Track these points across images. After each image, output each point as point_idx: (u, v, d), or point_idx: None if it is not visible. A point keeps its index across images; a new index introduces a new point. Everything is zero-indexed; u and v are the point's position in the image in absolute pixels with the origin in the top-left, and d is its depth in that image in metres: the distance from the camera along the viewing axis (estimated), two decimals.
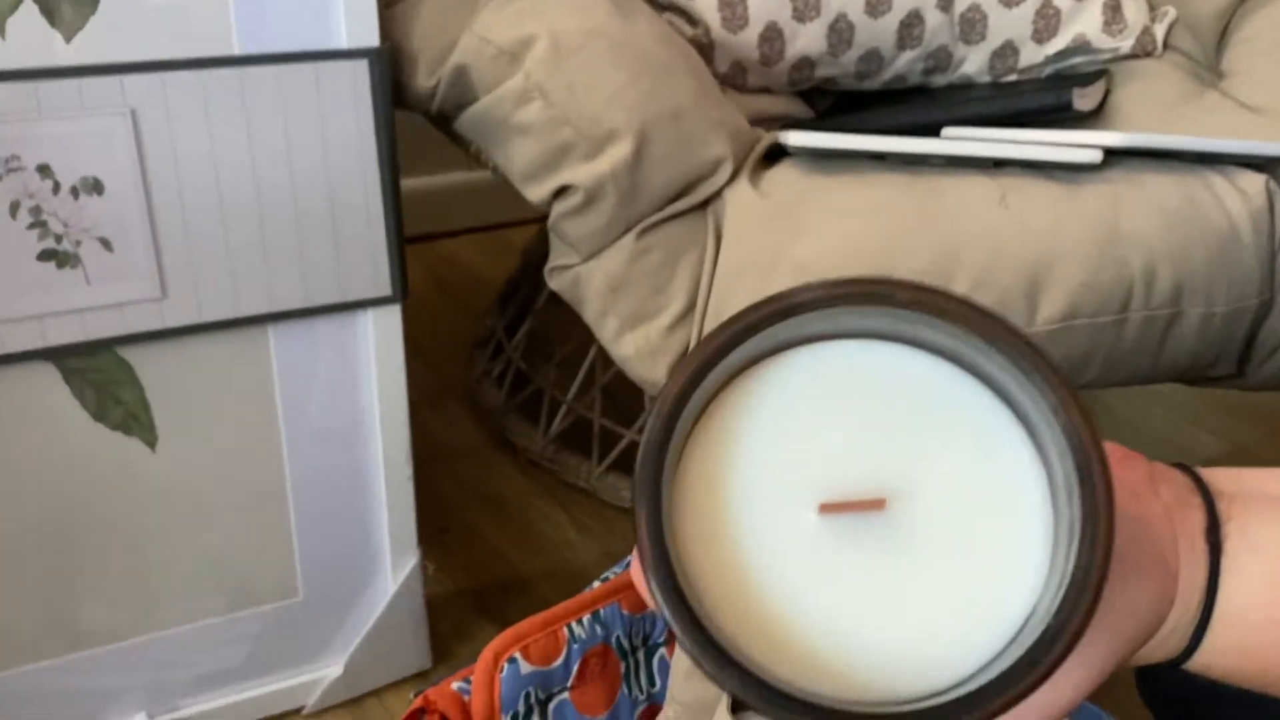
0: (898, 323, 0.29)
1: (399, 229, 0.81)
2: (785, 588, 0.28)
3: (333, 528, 0.89)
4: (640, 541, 0.27)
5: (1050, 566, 0.28)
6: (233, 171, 0.76)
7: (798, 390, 0.29)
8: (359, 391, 0.86)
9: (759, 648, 0.28)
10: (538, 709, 0.74)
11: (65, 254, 0.74)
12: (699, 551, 0.28)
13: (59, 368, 0.77)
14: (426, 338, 1.43)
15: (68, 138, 0.72)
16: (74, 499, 0.80)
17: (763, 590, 0.28)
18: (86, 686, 0.85)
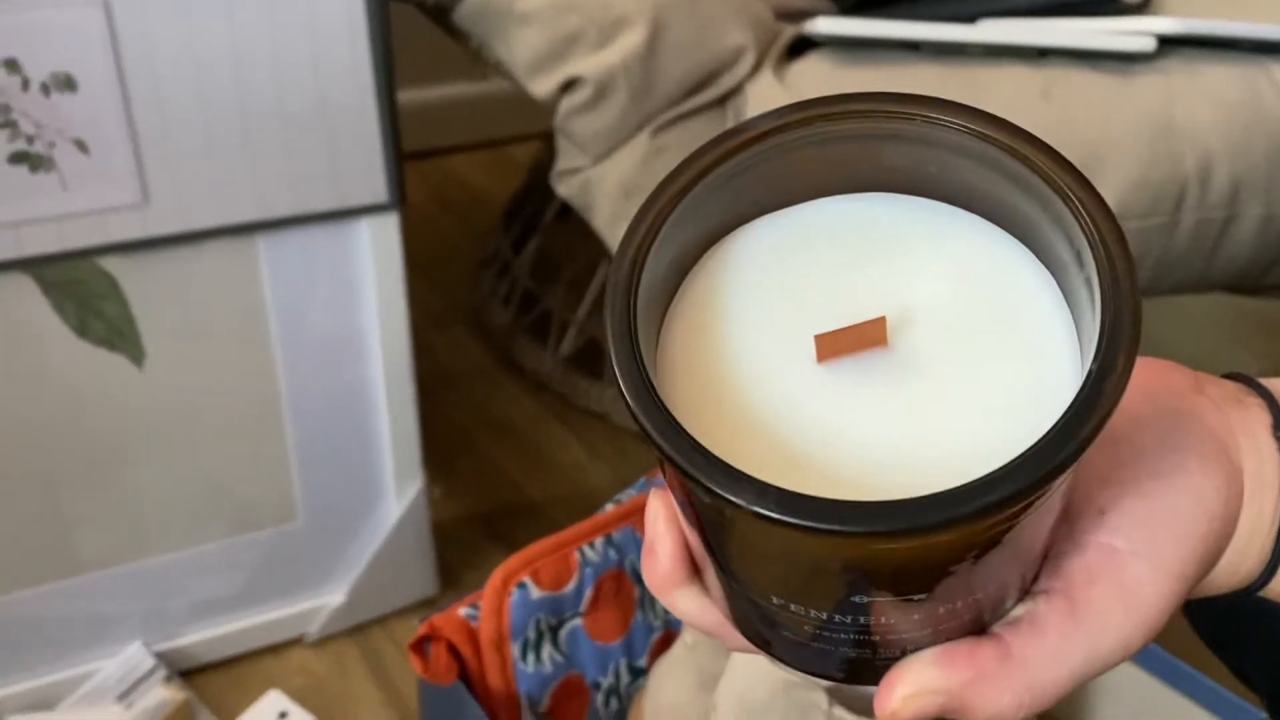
0: (863, 144, 0.27)
1: (395, 130, 0.76)
2: (793, 447, 0.25)
3: (333, 450, 0.85)
4: (622, 382, 0.24)
5: (1080, 366, 0.25)
6: (214, 66, 0.71)
7: (774, 251, 0.28)
8: (357, 305, 0.81)
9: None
10: (548, 635, 0.70)
11: (38, 157, 0.69)
12: (694, 421, 0.24)
13: (37, 280, 0.73)
14: (429, 258, 1.39)
15: (36, 29, 0.67)
16: (60, 419, 0.76)
17: (769, 452, 0.25)
18: (82, 613, 0.82)
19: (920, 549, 0.23)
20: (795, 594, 0.26)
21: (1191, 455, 0.30)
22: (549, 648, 0.71)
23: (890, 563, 0.24)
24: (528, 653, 0.70)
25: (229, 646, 0.88)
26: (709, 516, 0.25)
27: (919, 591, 0.25)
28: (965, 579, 0.25)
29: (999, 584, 0.26)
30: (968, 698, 0.27)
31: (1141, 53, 0.71)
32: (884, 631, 0.26)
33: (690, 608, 0.30)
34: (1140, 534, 0.29)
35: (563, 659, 0.71)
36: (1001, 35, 0.72)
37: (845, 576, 0.24)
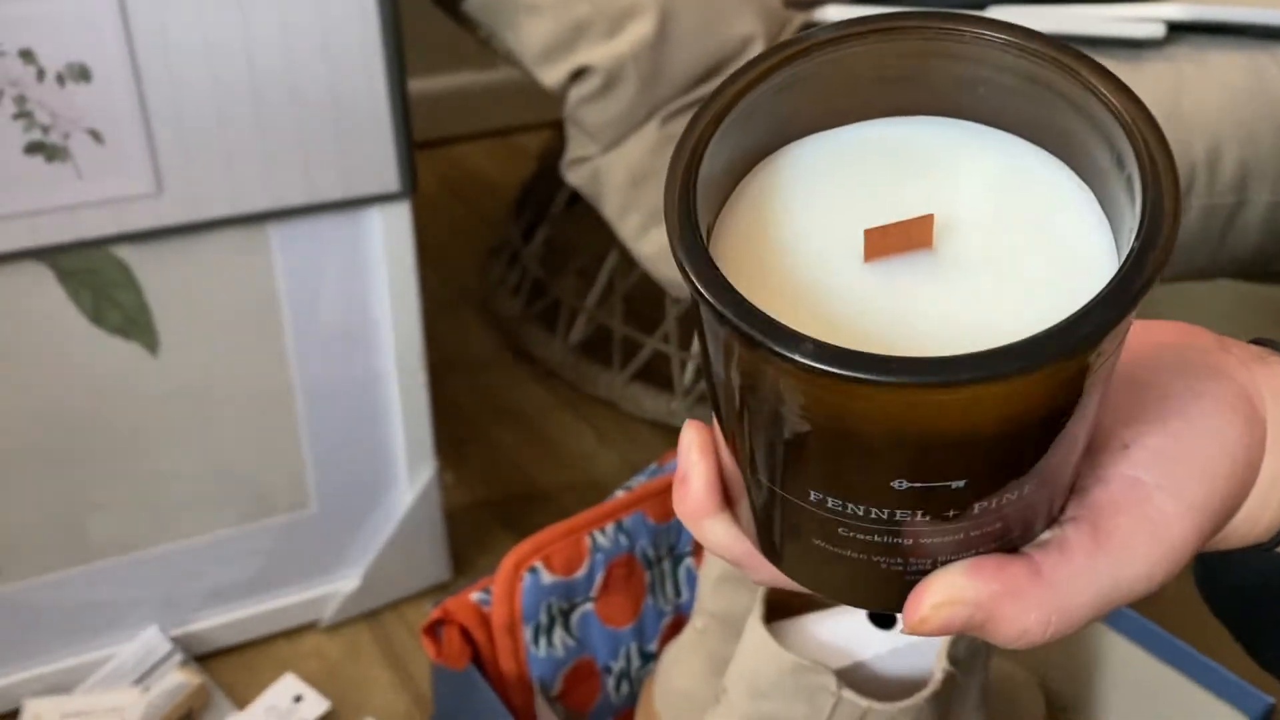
0: (913, 62, 0.28)
1: (406, 119, 0.77)
2: (838, 323, 0.26)
3: (345, 436, 0.86)
4: (678, 243, 0.25)
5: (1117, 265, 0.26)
6: (227, 56, 0.71)
7: (826, 164, 0.29)
8: (369, 293, 0.82)
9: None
10: (560, 619, 0.71)
11: (54, 147, 0.70)
12: (745, 293, 0.25)
13: (53, 269, 0.73)
14: (439, 246, 1.39)
15: (51, 20, 0.67)
16: (76, 406, 0.77)
17: (815, 325, 0.25)
18: (99, 599, 0.83)
19: (963, 414, 0.23)
20: (832, 483, 0.26)
21: (1214, 400, 0.31)
22: (561, 632, 0.71)
23: (934, 431, 0.24)
24: (539, 637, 0.70)
25: (244, 631, 0.89)
26: (750, 385, 0.25)
27: (957, 476, 0.25)
28: (1001, 469, 0.25)
29: (1032, 490, 0.26)
30: (995, 611, 0.27)
31: (1150, 39, 0.71)
32: (917, 535, 0.26)
33: (721, 537, 0.30)
34: (1164, 469, 0.29)
35: (574, 643, 0.72)
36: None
37: (885, 455, 0.25)
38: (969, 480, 0.25)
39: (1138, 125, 0.25)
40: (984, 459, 0.25)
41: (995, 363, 0.22)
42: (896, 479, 0.25)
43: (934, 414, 0.24)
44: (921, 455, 0.25)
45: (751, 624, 0.57)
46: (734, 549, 0.31)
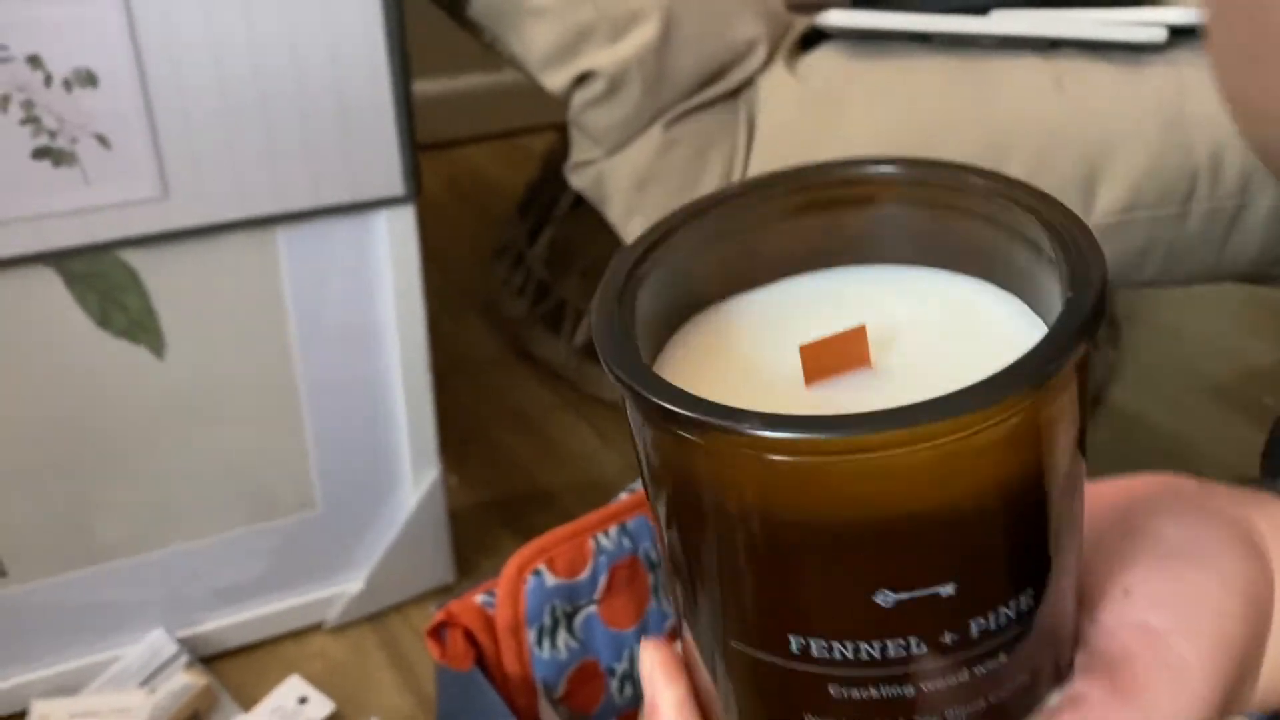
0: (818, 216, 0.30)
1: (410, 123, 0.77)
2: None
3: (350, 438, 0.86)
4: (607, 350, 0.25)
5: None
6: (233, 61, 0.72)
7: (756, 318, 0.30)
8: (374, 296, 0.82)
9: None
10: (564, 621, 0.71)
11: (61, 151, 0.70)
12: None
13: (61, 273, 0.74)
14: (444, 248, 1.39)
15: (58, 25, 0.68)
16: (83, 409, 0.78)
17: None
18: (105, 600, 0.83)
19: (933, 482, 0.22)
20: (813, 615, 0.24)
21: (1212, 538, 0.29)
22: (564, 634, 0.72)
23: (907, 511, 0.23)
24: (543, 639, 0.71)
25: (250, 633, 0.89)
26: (709, 503, 0.24)
27: (944, 577, 0.23)
28: (989, 562, 0.24)
29: (1028, 607, 0.25)
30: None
31: (1153, 43, 0.71)
32: (917, 678, 0.25)
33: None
34: (1172, 611, 0.27)
35: (578, 645, 0.72)
36: (1013, 26, 0.72)
37: (863, 556, 0.23)
38: (958, 582, 0.24)
39: (1049, 208, 0.26)
40: (968, 547, 0.24)
41: (952, 402, 0.22)
42: (879, 590, 0.23)
43: (903, 486, 0.22)
44: (901, 549, 0.23)
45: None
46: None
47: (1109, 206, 0.69)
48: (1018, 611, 0.25)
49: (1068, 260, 0.25)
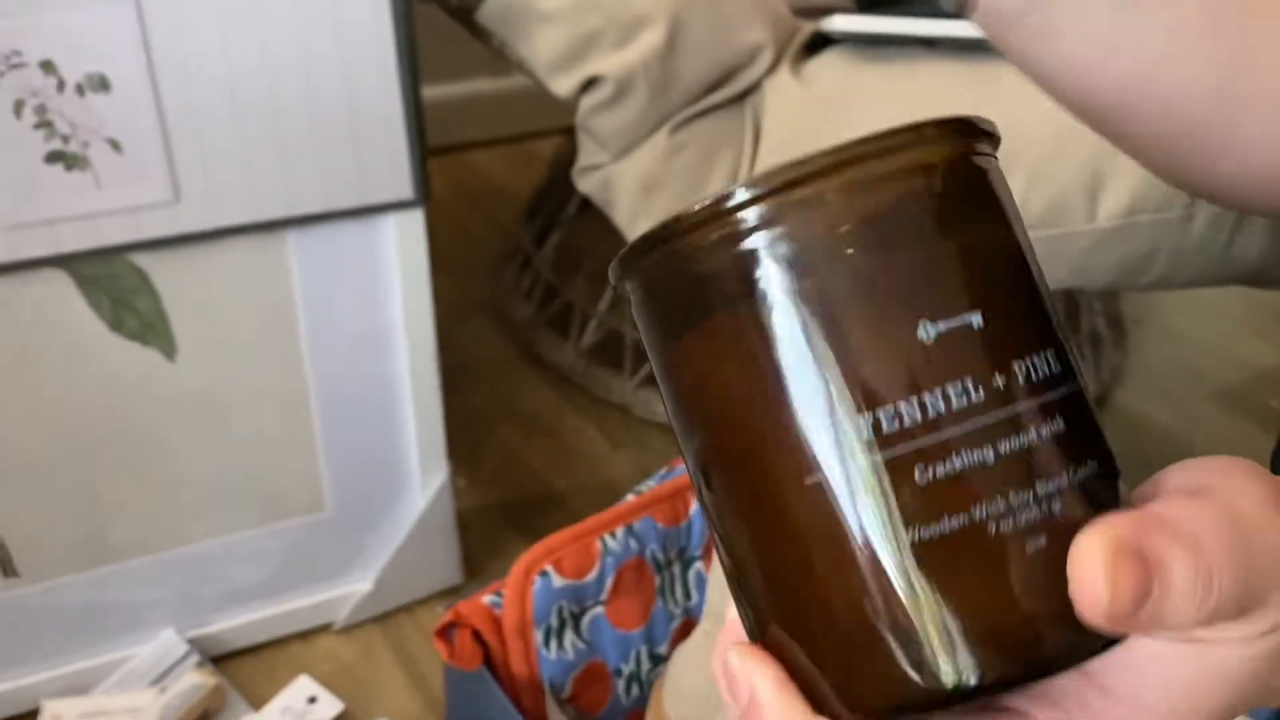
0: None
1: (420, 127, 0.78)
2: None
3: (359, 440, 0.87)
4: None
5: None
6: (244, 66, 0.72)
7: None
8: (383, 299, 0.83)
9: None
10: (571, 622, 0.72)
11: (73, 156, 0.71)
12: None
13: (73, 276, 0.74)
14: (452, 251, 1.40)
15: (70, 30, 0.68)
16: (95, 411, 0.78)
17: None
18: (116, 600, 0.84)
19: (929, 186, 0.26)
20: (871, 375, 0.24)
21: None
22: (571, 635, 0.72)
23: (912, 236, 0.25)
24: (550, 640, 0.71)
25: (259, 633, 0.90)
26: (750, 318, 0.26)
27: (971, 306, 0.25)
28: (1000, 289, 0.26)
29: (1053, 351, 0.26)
30: (1159, 550, 0.23)
31: None
32: (985, 431, 0.24)
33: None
34: (1209, 474, 0.26)
35: (585, 646, 0.73)
36: None
37: (901, 285, 0.25)
38: (983, 312, 0.25)
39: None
40: (981, 274, 0.26)
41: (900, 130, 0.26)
42: (920, 321, 0.24)
43: (907, 208, 0.25)
44: (924, 278, 0.25)
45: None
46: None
47: (1113, 210, 0.69)
48: (1051, 367, 0.26)
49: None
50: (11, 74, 0.68)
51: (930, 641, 0.24)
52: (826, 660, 0.26)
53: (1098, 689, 0.27)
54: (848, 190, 0.25)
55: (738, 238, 0.26)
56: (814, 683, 0.26)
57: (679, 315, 0.27)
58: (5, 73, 0.68)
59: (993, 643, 0.24)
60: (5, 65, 0.68)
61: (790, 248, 0.25)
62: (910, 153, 0.26)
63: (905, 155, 0.26)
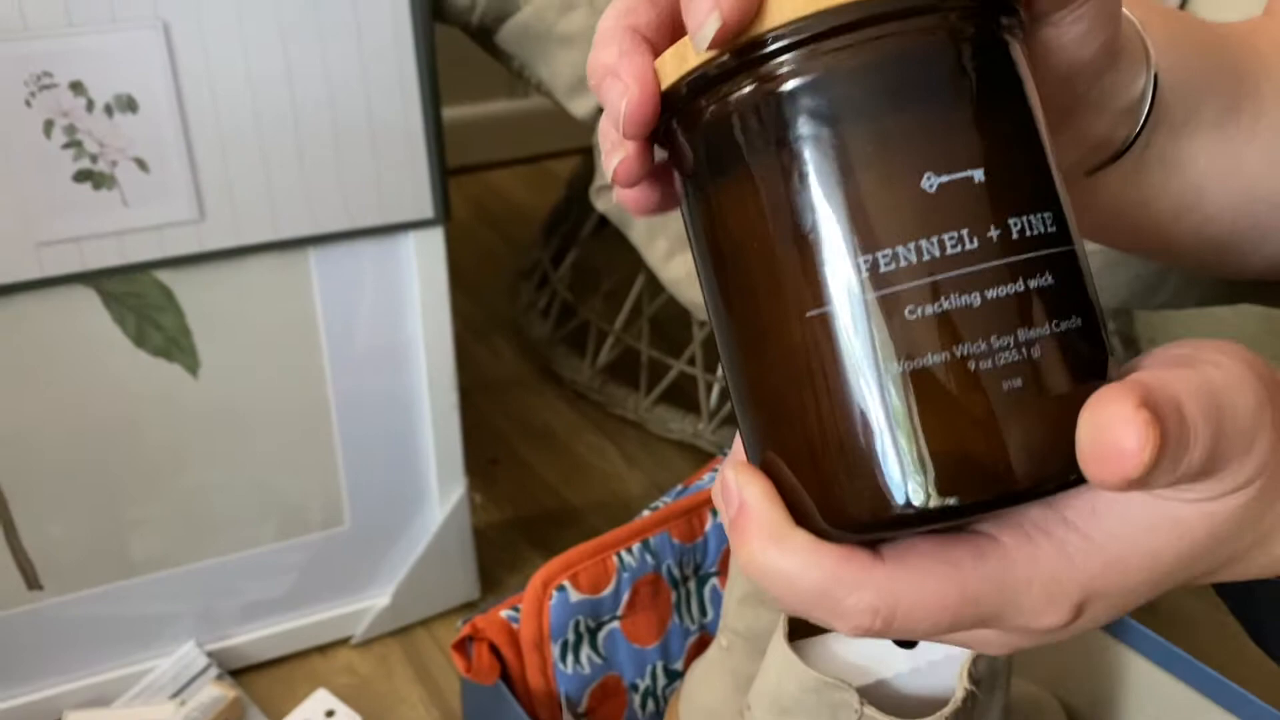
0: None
1: (440, 148, 0.79)
2: None
3: (379, 456, 0.88)
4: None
5: None
6: (268, 87, 0.74)
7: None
8: (403, 316, 0.84)
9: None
10: (587, 637, 0.72)
11: (101, 174, 0.72)
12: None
13: (98, 292, 0.76)
14: (470, 270, 1.41)
15: (100, 53, 0.70)
16: (118, 426, 0.79)
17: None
18: (138, 613, 0.85)
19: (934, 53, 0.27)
20: (874, 220, 0.27)
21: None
22: (588, 649, 0.73)
23: (918, 92, 0.27)
24: (567, 654, 0.72)
25: (278, 646, 0.90)
26: (773, 138, 0.28)
27: (974, 163, 0.27)
28: (1001, 144, 0.27)
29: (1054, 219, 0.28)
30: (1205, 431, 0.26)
31: None
32: (975, 278, 0.26)
33: (804, 554, 0.27)
34: (1199, 347, 0.29)
35: (601, 661, 0.73)
36: None
37: (902, 135, 0.27)
38: (985, 168, 0.27)
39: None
40: (984, 133, 0.27)
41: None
42: (925, 173, 0.26)
43: (909, 68, 0.27)
44: (930, 135, 0.27)
45: (775, 641, 0.58)
46: (825, 559, 0.27)
47: None
48: (1046, 227, 0.27)
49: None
50: (42, 94, 0.69)
51: (907, 464, 0.26)
52: (812, 478, 0.28)
53: (1061, 519, 0.29)
54: (874, 49, 0.27)
55: (766, 86, 0.27)
56: (799, 498, 0.28)
57: (710, 161, 0.29)
58: (36, 93, 0.69)
59: (964, 470, 0.26)
60: (36, 86, 0.69)
61: (810, 99, 0.27)
62: (941, 17, 0.27)
63: (935, 19, 0.27)
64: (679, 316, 1.12)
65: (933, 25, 0.27)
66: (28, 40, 0.68)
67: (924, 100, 0.27)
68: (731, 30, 0.26)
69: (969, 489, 0.26)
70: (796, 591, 0.28)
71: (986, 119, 0.27)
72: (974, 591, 0.28)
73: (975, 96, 0.27)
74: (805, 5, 0.27)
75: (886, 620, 0.27)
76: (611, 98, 0.29)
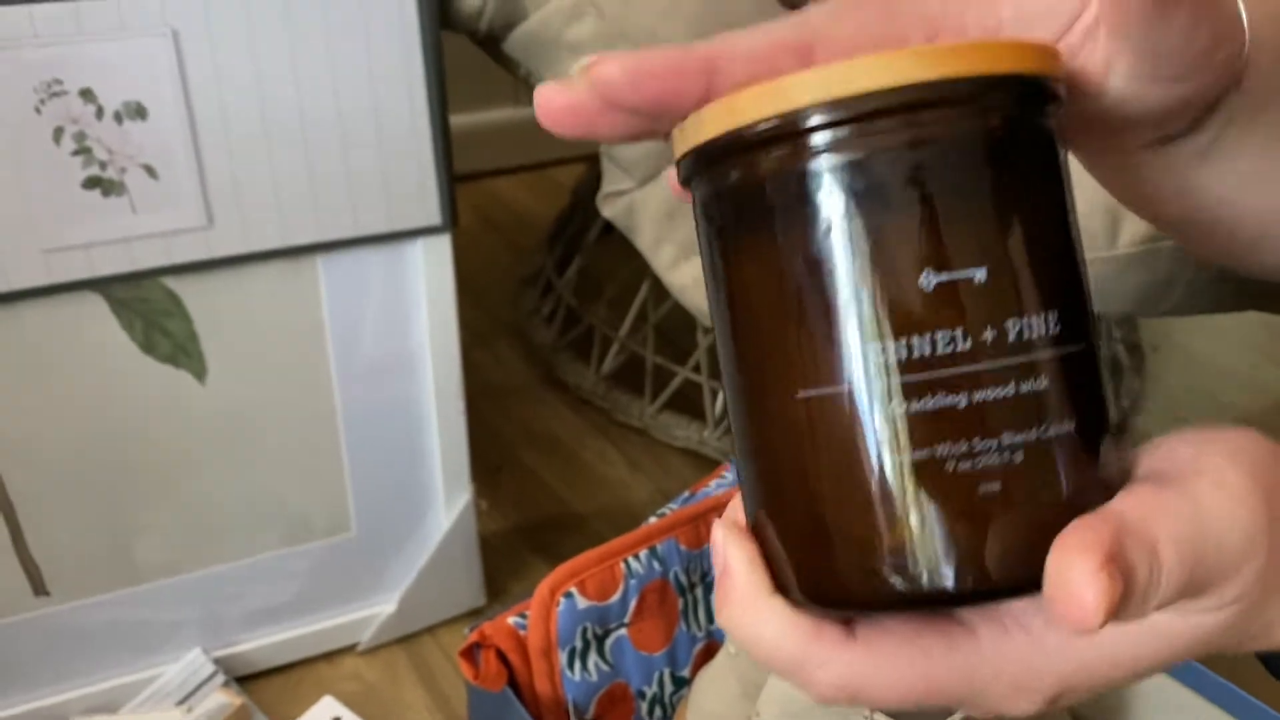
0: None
1: (448, 155, 0.79)
2: None
3: (385, 462, 0.88)
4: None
5: None
6: (277, 95, 0.74)
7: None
8: (410, 323, 0.84)
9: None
10: (595, 644, 0.72)
11: (111, 181, 0.73)
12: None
13: (107, 299, 0.76)
14: (475, 276, 1.42)
15: (109, 60, 0.70)
16: (125, 432, 0.79)
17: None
18: (144, 619, 0.85)
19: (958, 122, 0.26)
20: (868, 311, 0.26)
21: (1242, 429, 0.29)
22: (595, 657, 0.73)
23: (930, 181, 0.26)
24: (574, 661, 0.72)
25: (284, 653, 0.90)
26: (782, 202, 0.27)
27: (978, 262, 0.26)
28: (1014, 254, 0.26)
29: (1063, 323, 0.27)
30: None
31: None
32: (969, 384, 0.26)
33: (779, 623, 0.28)
34: (1210, 450, 0.28)
35: (608, 668, 0.73)
36: None
37: (904, 231, 0.26)
38: (989, 268, 0.26)
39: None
40: (993, 232, 0.26)
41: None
42: (925, 270, 0.26)
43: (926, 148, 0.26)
44: (936, 231, 0.26)
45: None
46: (795, 632, 0.28)
47: (1133, 237, 0.70)
48: (1049, 329, 0.27)
49: None
50: (52, 101, 0.70)
51: (878, 552, 0.27)
52: (793, 548, 0.28)
53: (1041, 614, 0.29)
54: (907, 128, 0.26)
55: (799, 155, 0.27)
56: (781, 566, 0.29)
57: (724, 217, 0.29)
58: (46, 100, 0.69)
59: (931, 563, 0.27)
60: (46, 93, 0.69)
61: (798, 179, 0.27)
62: (974, 109, 0.26)
63: (968, 110, 0.26)
64: (684, 323, 1.12)
65: (963, 116, 0.26)
66: (37, 48, 0.68)
67: (934, 194, 0.26)
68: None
69: (936, 582, 0.27)
70: (770, 658, 0.29)
71: (1002, 216, 0.26)
72: (939, 681, 0.28)
73: (994, 192, 0.26)
74: (839, 83, 0.26)
75: (852, 696, 0.28)
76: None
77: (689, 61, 0.27)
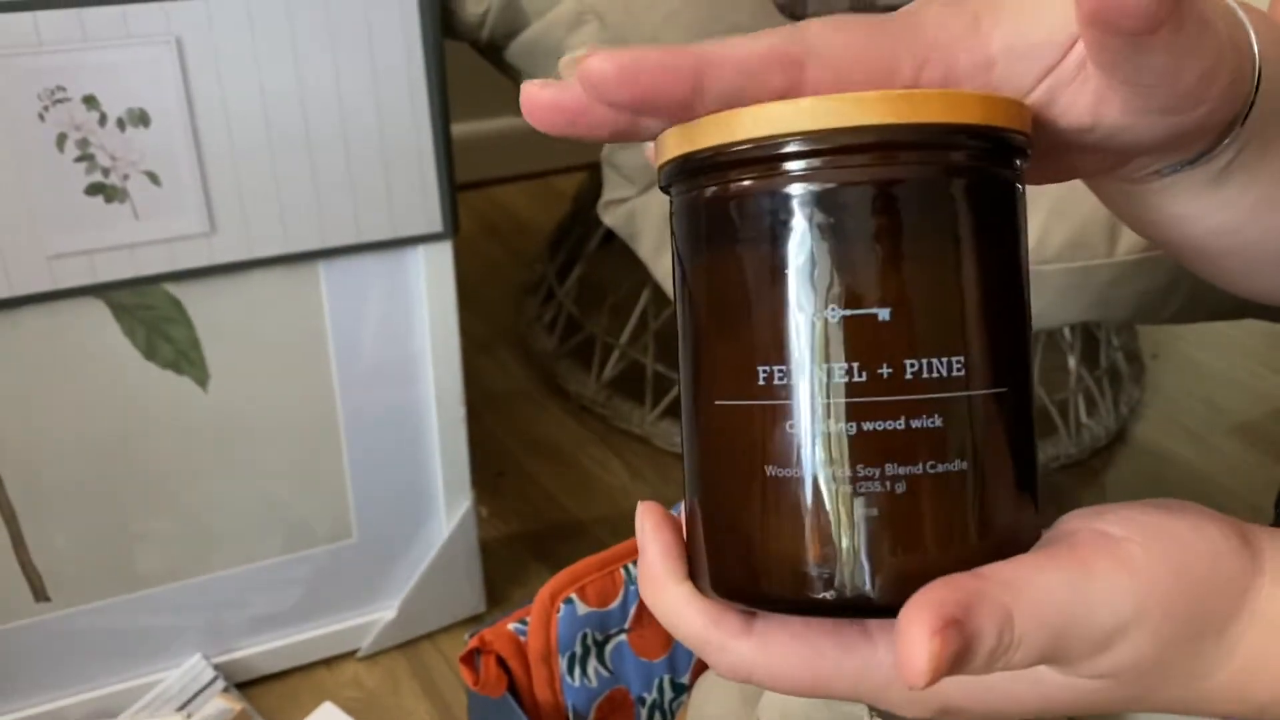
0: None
1: (449, 163, 0.79)
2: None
3: (386, 469, 0.88)
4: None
5: None
6: (280, 102, 0.74)
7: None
8: (411, 330, 0.84)
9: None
10: (595, 650, 0.72)
11: (113, 188, 0.73)
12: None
13: (109, 305, 0.76)
14: (477, 284, 1.42)
15: (113, 67, 0.70)
16: (127, 438, 0.80)
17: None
18: (145, 625, 0.85)
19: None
20: (773, 339, 0.27)
21: (1197, 512, 0.30)
22: (595, 663, 0.73)
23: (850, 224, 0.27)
24: (574, 667, 0.72)
25: (285, 659, 0.90)
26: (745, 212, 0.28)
27: (882, 303, 0.27)
28: (922, 299, 0.27)
29: (967, 366, 0.28)
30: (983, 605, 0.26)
31: None
32: (859, 413, 0.27)
33: (683, 604, 0.30)
34: (1136, 528, 0.29)
35: (608, 674, 0.73)
36: None
37: (817, 270, 0.27)
38: (893, 310, 0.27)
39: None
40: (904, 275, 0.27)
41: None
42: (830, 305, 0.27)
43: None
44: (849, 269, 0.27)
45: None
46: (698, 618, 0.30)
47: (1132, 245, 0.70)
48: (950, 371, 0.27)
49: None
50: (56, 108, 0.70)
51: (766, 557, 0.28)
52: (706, 539, 0.30)
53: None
54: (879, 165, 0.27)
55: (772, 182, 0.28)
56: (698, 555, 0.31)
57: (701, 234, 0.30)
58: (50, 107, 0.70)
59: (816, 576, 0.28)
60: (50, 100, 0.70)
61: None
62: (934, 155, 0.27)
63: (931, 153, 0.27)
64: None
65: (921, 161, 0.27)
66: (42, 55, 0.68)
67: (851, 233, 0.27)
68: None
69: (816, 592, 0.28)
70: (679, 635, 0.31)
71: (917, 259, 0.27)
72: (826, 679, 0.30)
73: (919, 235, 0.27)
74: (809, 117, 0.27)
75: (745, 680, 0.30)
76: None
77: (679, 61, 0.28)
